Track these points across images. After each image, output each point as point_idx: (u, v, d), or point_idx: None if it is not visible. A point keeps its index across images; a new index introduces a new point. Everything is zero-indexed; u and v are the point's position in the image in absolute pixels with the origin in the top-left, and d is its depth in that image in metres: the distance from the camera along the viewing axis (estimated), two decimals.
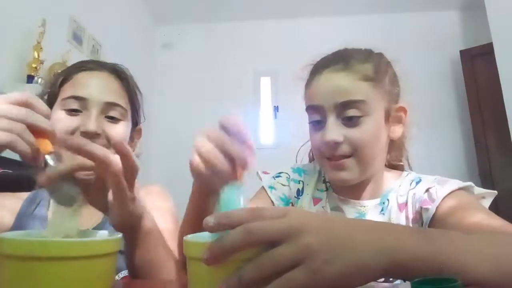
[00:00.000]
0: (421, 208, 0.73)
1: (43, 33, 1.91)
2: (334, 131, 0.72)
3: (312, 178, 0.87)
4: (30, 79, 1.82)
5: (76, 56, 2.28)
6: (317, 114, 0.76)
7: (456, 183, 0.72)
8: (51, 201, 0.45)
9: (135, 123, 0.89)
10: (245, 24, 3.83)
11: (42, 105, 0.49)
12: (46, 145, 0.48)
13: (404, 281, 0.40)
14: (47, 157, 0.48)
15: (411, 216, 0.75)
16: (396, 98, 0.79)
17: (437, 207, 0.69)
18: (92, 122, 0.74)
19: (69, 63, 2.09)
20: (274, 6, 3.64)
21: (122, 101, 0.82)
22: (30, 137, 0.47)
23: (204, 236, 0.44)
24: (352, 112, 0.72)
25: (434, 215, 0.70)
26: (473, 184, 0.73)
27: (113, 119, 0.79)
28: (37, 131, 0.47)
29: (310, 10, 3.67)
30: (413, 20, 3.64)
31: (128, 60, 0.90)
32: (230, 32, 3.85)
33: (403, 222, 0.75)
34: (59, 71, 1.47)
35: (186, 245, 0.39)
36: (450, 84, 3.57)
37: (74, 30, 2.37)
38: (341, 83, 0.73)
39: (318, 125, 0.76)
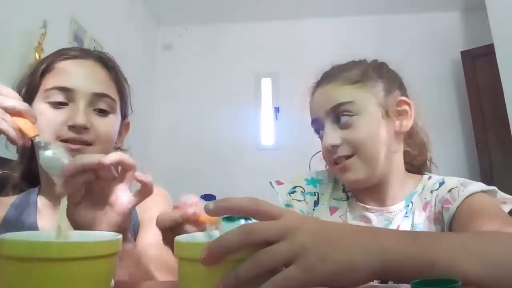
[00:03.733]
0: (442, 207, 0.73)
1: (44, 34, 1.91)
2: (331, 135, 0.77)
3: (327, 187, 0.88)
4: None
5: None
6: (317, 126, 0.82)
7: (479, 186, 0.72)
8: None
9: (124, 115, 0.84)
10: (246, 26, 3.83)
11: (9, 90, 0.50)
12: (29, 128, 0.49)
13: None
14: (37, 139, 0.49)
15: (432, 216, 0.75)
16: (395, 93, 0.80)
17: (458, 207, 0.69)
18: (80, 115, 0.69)
19: None
20: (275, 7, 3.64)
21: (111, 91, 0.76)
22: (9, 118, 0.48)
23: (195, 237, 0.45)
24: (343, 114, 0.76)
25: (454, 215, 0.70)
26: (496, 189, 0.73)
27: (102, 112, 0.74)
28: (14, 114, 0.49)
29: (310, 11, 3.67)
30: (414, 22, 3.64)
31: (129, 61, 0.88)
32: (231, 34, 3.86)
33: (425, 222, 0.75)
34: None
35: (178, 246, 0.39)
36: (451, 85, 3.57)
37: (75, 31, 2.37)
38: (328, 92, 0.80)
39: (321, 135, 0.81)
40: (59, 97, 0.70)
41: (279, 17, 3.77)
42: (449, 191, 0.73)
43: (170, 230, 0.50)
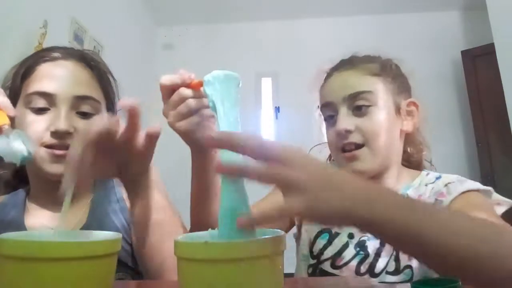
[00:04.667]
0: (436, 200, 0.74)
1: (44, 34, 1.91)
2: (345, 120, 0.77)
3: None
4: None
5: None
6: (329, 110, 0.82)
7: (476, 184, 0.73)
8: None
9: (112, 114, 0.80)
10: (246, 25, 3.83)
11: None
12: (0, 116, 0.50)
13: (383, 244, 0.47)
14: (5, 128, 0.51)
15: None
16: (405, 93, 0.84)
17: (451, 201, 0.71)
18: (62, 120, 0.68)
19: None
20: (275, 7, 3.64)
21: (94, 92, 0.74)
22: None
23: (195, 237, 0.44)
24: (360, 102, 0.77)
25: (447, 208, 0.70)
26: (492, 190, 0.74)
27: (86, 115, 0.72)
28: None
29: (310, 11, 3.67)
30: (414, 21, 3.64)
31: (129, 61, 0.87)
32: (231, 33, 3.85)
33: None
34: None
35: (178, 246, 0.39)
36: (451, 84, 3.57)
37: (75, 31, 2.37)
38: (348, 79, 0.81)
39: (331, 120, 0.82)
40: (41, 102, 0.69)
41: (279, 17, 3.76)
42: (446, 185, 0.75)
43: (170, 94, 0.60)
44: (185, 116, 0.59)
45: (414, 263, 0.72)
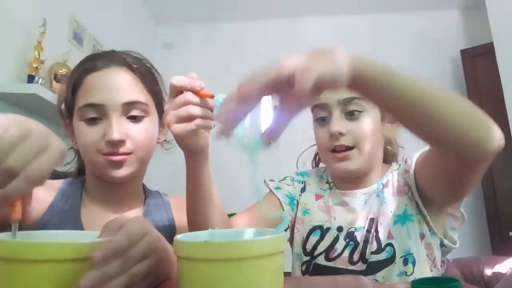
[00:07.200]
0: (403, 178, 0.82)
1: (43, 33, 1.91)
2: (339, 123, 0.83)
3: (314, 179, 0.98)
4: (30, 79, 1.81)
5: (76, 56, 2.28)
6: (322, 111, 0.86)
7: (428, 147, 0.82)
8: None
9: (162, 110, 0.84)
10: (245, 24, 3.82)
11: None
12: (16, 210, 0.41)
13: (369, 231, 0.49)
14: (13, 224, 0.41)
15: (396, 190, 0.84)
16: None
17: (414, 170, 0.78)
18: (113, 130, 0.71)
19: (70, 63, 2.09)
20: (275, 5, 3.63)
21: (141, 95, 0.77)
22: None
23: (196, 236, 0.45)
24: (353, 107, 0.83)
25: (414, 175, 0.78)
26: None
27: (136, 118, 0.75)
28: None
29: (310, 9, 3.66)
30: (414, 20, 3.63)
31: None
32: (231, 32, 3.85)
33: (388, 197, 0.84)
34: (60, 71, 1.41)
35: (177, 245, 0.39)
36: (450, 83, 3.56)
37: (74, 30, 2.37)
38: None
39: (323, 121, 0.87)
40: (92, 114, 0.73)
41: (279, 15, 3.76)
42: (405, 162, 0.84)
43: (177, 94, 0.61)
44: (183, 120, 0.61)
45: (394, 241, 0.78)
